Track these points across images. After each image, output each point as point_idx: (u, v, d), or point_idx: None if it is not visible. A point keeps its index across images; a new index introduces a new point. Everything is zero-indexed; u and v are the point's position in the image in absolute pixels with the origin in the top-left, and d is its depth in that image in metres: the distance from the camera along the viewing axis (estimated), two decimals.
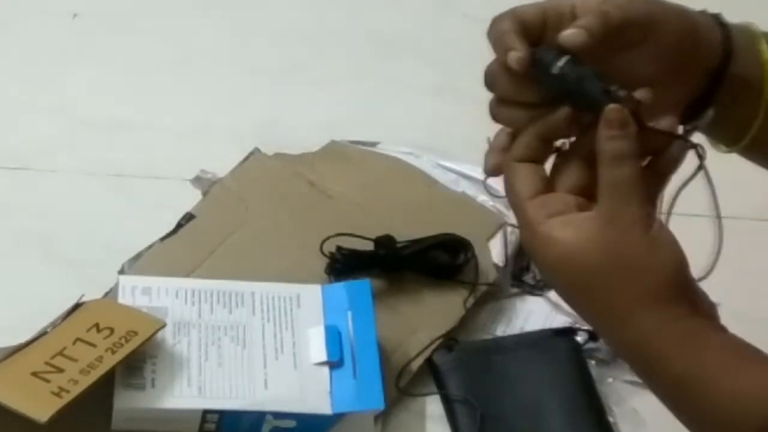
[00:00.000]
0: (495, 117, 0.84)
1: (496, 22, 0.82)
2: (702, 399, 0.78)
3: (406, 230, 1.20)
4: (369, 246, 1.18)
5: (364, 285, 1.14)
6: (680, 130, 0.84)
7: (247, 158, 1.28)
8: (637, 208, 0.78)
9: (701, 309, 0.80)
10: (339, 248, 1.17)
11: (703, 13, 0.87)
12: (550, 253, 0.79)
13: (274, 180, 1.27)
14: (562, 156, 0.82)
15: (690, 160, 0.82)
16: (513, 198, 0.81)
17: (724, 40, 0.86)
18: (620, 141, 0.78)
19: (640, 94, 0.79)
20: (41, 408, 0.96)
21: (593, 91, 0.78)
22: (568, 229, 0.78)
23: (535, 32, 0.82)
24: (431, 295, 1.18)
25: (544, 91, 0.81)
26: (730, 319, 1.21)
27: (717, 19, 0.87)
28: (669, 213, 0.84)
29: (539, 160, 0.82)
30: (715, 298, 1.22)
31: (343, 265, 1.17)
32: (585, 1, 0.83)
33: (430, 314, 1.17)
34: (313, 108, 1.37)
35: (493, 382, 1.13)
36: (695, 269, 0.83)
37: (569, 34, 0.80)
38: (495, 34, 0.82)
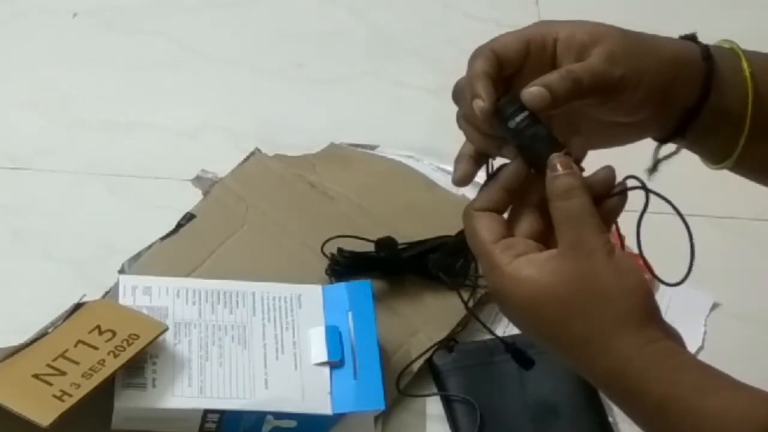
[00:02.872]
0: (459, 126, 0.86)
1: (474, 57, 0.84)
2: (687, 419, 0.78)
3: (407, 232, 1.20)
4: (370, 247, 1.18)
5: (364, 285, 1.14)
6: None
7: (247, 159, 1.29)
8: (595, 236, 0.79)
9: (671, 334, 0.80)
10: (340, 250, 1.17)
11: (689, 46, 0.87)
12: (521, 292, 0.80)
13: (275, 180, 1.27)
14: (518, 205, 0.84)
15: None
16: (477, 244, 0.82)
17: (705, 76, 0.86)
18: (566, 177, 0.80)
19: (576, 143, 0.82)
20: (43, 412, 0.96)
21: (541, 154, 0.81)
22: (535, 266, 0.80)
23: (514, 65, 0.84)
24: (432, 296, 1.18)
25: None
26: (730, 319, 1.22)
27: (704, 51, 0.87)
28: (640, 251, 0.84)
29: (500, 211, 0.84)
30: (715, 298, 1.23)
31: (344, 267, 1.17)
32: (569, 37, 0.84)
33: (430, 316, 1.17)
34: (313, 108, 1.37)
35: (493, 383, 1.13)
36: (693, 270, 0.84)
37: (531, 94, 0.81)
38: (469, 72, 0.83)
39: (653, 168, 0.91)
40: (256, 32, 1.45)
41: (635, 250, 0.86)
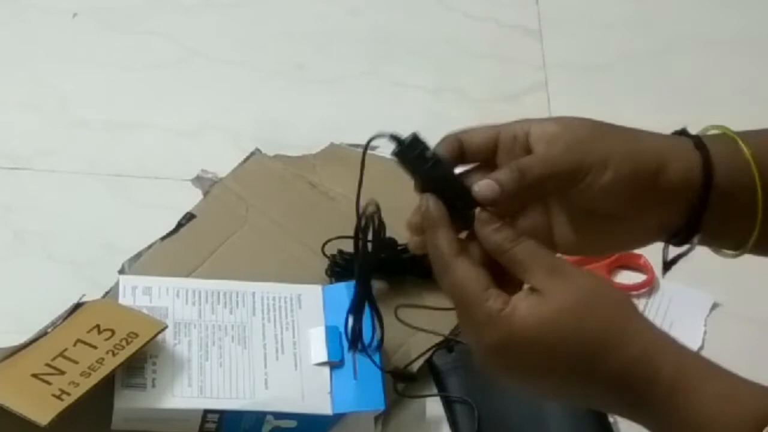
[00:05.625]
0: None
1: (439, 142, 0.86)
2: (695, 406, 0.77)
3: (407, 232, 1.20)
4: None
5: None
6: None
7: (247, 159, 1.29)
8: (542, 275, 0.79)
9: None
10: (340, 252, 1.17)
11: (677, 139, 0.86)
12: (531, 328, 0.79)
13: (275, 180, 1.27)
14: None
15: None
16: (463, 297, 0.82)
17: (704, 165, 0.84)
18: (494, 235, 0.81)
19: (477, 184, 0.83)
20: (42, 411, 0.96)
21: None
22: (532, 299, 0.79)
23: (480, 154, 0.85)
24: (432, 297, 1.18)
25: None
26: (730, 319, 1.22)
27: (696, 141, 0.86)
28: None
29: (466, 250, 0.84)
30: (715, 298, 1.23)
31: (344, 268, 1.17)
32: (541, 129, 0.84)
33: (430, 316, 1.16)
34: (313, 108, 1.37)
35: (492, 383, 1.12)
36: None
37: (481, 187, 0.82)
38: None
39: (666, 268, 0.90)
40: (256, 32, 1.45)
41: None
